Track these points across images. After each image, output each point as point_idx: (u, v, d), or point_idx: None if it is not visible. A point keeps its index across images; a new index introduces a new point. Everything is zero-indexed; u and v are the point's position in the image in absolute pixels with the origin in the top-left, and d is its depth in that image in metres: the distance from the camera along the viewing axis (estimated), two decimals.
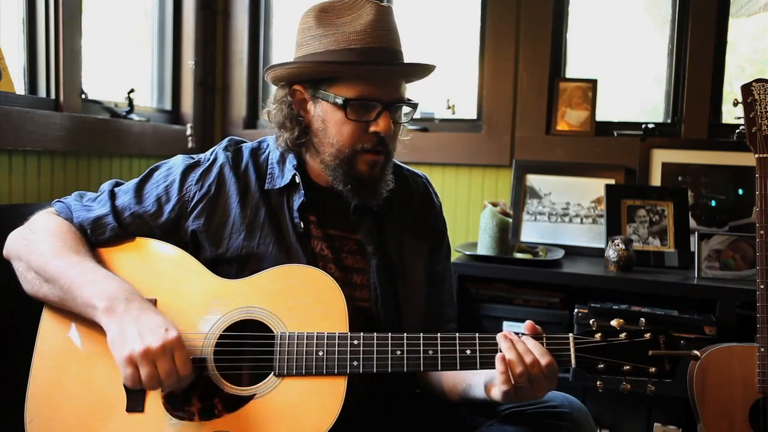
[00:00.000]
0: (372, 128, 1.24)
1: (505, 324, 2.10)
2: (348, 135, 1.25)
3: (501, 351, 1.14)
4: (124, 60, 2.58)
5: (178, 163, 1.37)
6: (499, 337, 1.16)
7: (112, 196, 1.34)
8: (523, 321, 1.23)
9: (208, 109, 2.86)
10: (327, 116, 1.27)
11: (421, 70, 1.31)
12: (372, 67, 1.23)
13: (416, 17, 2.76)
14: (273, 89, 1.38)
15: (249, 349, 1.19)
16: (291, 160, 1.34)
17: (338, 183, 1.29)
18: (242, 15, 2.85)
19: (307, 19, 1.28)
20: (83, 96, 2.16)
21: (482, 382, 1.22)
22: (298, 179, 1.32)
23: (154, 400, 1.18)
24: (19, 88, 1.96)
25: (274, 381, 1.17)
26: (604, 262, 2.11)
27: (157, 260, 1.29)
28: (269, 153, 1.38)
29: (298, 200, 1.31)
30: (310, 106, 1.30)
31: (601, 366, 1.16)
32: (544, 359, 1.12)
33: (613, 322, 1.18)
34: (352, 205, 1.33)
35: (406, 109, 1.31)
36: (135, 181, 1.37)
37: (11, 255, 1.28)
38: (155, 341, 1.07)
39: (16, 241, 1.28)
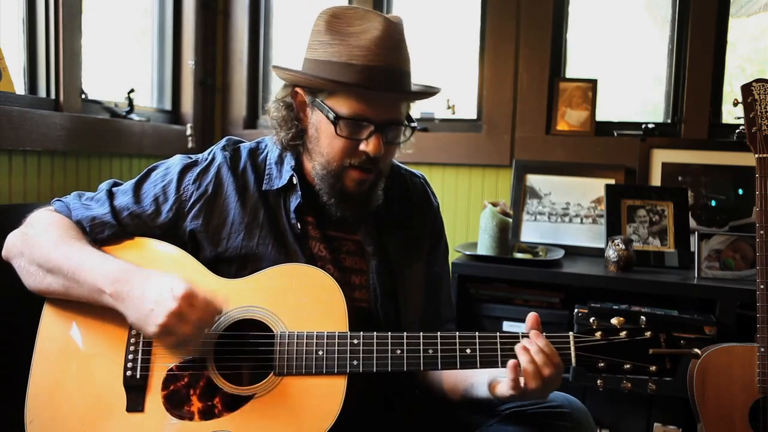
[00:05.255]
0: (362, 147, 1.23)
1: (505, 324, 2.10)
2: (338, 150, 1.24)
3: (518, 355, 1.14)
4: (124, 60, 2.58)
5: (175, 162, 1.37)
6: (517, 348, 1.16)
7: (111, 195, 1.34)
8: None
9: (208, 109, 2.86)
10: (321, 126, 1.26)
11: (420, 94, 1.30)
12: (364, 91, 1.20)
13: (416, 17, 2.76)
14: (274, 89, 1.38)
15: (249, 349, 1.19)
16: (289, 161, 1.34)
17: (323, 194, 1.29)
18: (242, 15, 2.85)
19: (318, 21, 1.27)
20: (83, 96, 2.16)
21: (485, 381, 1.22)
22: (295, 180, 1.32)
23: (154, 399, 1.18)
24: (19, 88, 1.96)
25: (274, 380, 1.17)
26: (604, 262, 2.11)
27: (156, 260, 1.29)
28: (267, 153, 1.38)
29: (294, 201, 1.31)
30: (308, 110, 1.30)
31: (602, 364, 1.16)
32: (555, 359, 1.14)
33: (614, 321, 1.18)
34: None
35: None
36: (133, 180, 1.37)
37: (11, 254, 1.28)
38: (169, 305, 1.09)
39: (16, 239, 1.29)
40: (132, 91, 2.37)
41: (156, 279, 1.14)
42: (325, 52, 1.23)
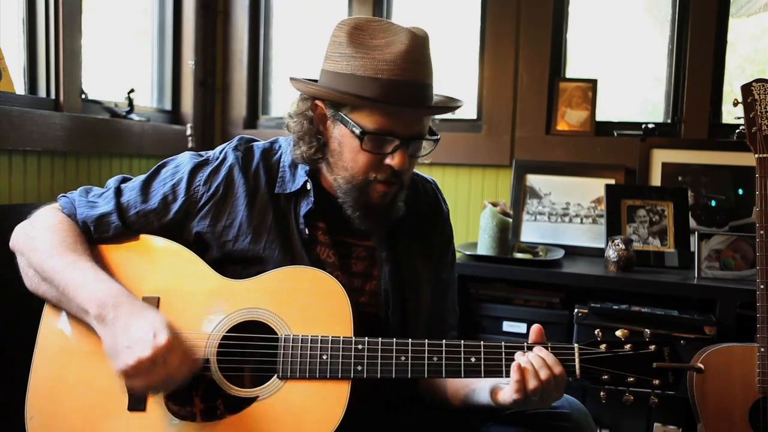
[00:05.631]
0: (387, 161, 1.22)
1: (505, 324, 2.10)
2: (362, 164, 1.23)
3: (516, 359, 1.14)
4: (124, 60, 2.58)
5: (186, 160, 1.35)
6: (518, 353, 1.16)
7: (118, 192, 1.32)
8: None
9: (208, 109, 2.85)
10: (344, 140, 1.24)
11: (445, 109, 1.28)
12: (389, 106, 1.19)
13: (416, 17, 2.76)
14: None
15: (252, 351, 1.19)
16: (303, 166, 1.32)
17: (347, 207, 1.28)
18: (242, 15, 2.84)
19: (339, 32, 1.23)
20: (83, 96, 2.16)
21: (488, 387, 1.22)
22: (309, 186, 1.30)
23: (155, 400, 1.18)
24: (19, 88, 1.96)
25: (278, 383, 1.17)
26: (604, 262, 2.11)
27: (162, 259, 1.29)
28: (281, 155, 1.36)
29: (305, 207, 1.30)
30: (329, 124, 1.27)
31: (606, 377, 1.16)
32: (557, 368, 1.14)
33: (618, 333, 1.18)
34: None
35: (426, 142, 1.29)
36: (142, 177, 1.35)
37: (15, 249, 1.28)
38: (145, 351, 1.05)
39: (20, 235, 1.28)
40: (132, 91, 2.37)
41: (142, 316, 1.11)
42: (347, 65, 1.20)
